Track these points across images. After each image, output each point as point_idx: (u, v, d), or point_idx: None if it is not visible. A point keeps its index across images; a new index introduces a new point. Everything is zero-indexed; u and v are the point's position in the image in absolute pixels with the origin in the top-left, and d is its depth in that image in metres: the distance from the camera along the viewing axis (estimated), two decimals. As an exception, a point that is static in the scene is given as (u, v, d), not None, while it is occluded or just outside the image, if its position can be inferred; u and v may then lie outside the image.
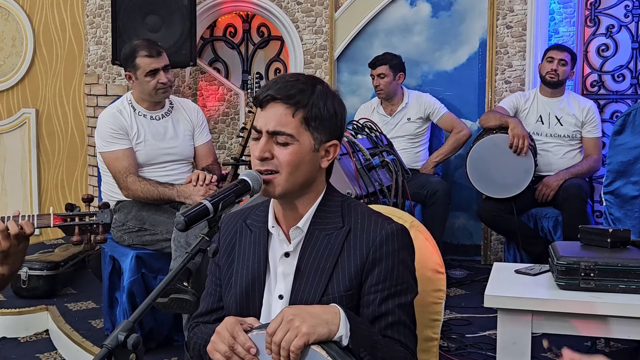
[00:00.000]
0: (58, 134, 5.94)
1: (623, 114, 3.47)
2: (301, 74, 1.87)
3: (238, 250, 1.88)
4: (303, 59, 5.36)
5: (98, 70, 5.36)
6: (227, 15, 5.61)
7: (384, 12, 5.21)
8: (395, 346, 1.71)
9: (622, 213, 3.50)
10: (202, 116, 3.84)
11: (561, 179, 4.35)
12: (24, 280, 4.37)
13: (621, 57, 4.91)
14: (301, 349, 1.55)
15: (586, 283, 2.58)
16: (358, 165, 3.15)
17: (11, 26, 5.91)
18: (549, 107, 4.55)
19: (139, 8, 4.76)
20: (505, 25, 4.92)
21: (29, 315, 4.23)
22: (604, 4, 4.90)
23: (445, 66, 5.17)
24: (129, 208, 3.58)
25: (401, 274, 1.75)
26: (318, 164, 1.77)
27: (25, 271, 4.36)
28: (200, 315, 1.94)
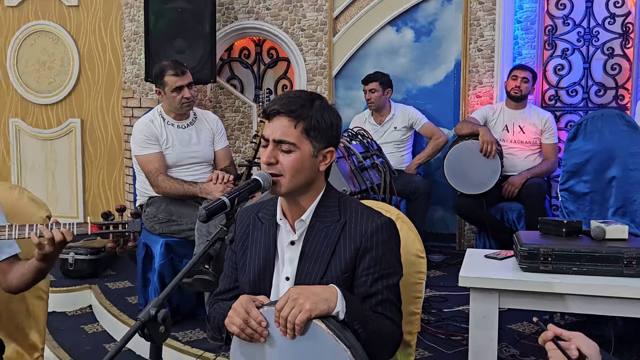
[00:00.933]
0: (99, 140, 5.91)
1: (576, 123, 3.45)
2: (303, 90, 1.85)
3: (251, 239, 1.86)
4: (306, 77, 5.31)
5: (133, 86, 5.33)
6: (242, 40, 5.59)
7: (374, 37, 5.18)
8: (384, 320, 1.70)
9: (575, 207, 3.48)
10: (221, 125, 3.81)
11: (524, 178, 4.33)
12: (71, 263, 4.39)
13: (574, 75, 4.87)
14: (304, 322, 1.55)
15: (545, 266, 2.56)
16: (352, 167, 3.15)
17: (60, 49, 5.88)
18: (513, 117, 4.52)
19: (168, 34, 4.77)
20: (476, 49, 4.89)
21: (75, 293, 4.25)
22: (560, 30, 4.86)
23: (426, 83, 5.12)
24: (159, 203, 3.56)
25: (389, 259, 1.75)
26: (317, 167, 1.75)
27: (72, 255, 4.40)
28: (219, 293, 1.93)
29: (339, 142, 1.86)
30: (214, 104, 5.50)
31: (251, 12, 5.37)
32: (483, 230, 4.49)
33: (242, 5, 5.38)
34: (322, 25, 5.23)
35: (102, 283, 4.27)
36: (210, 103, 5.48)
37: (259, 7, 5.34)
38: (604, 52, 4.79)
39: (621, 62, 4.77)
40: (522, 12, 4.87)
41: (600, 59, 4.81)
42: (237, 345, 1.70)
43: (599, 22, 4.78)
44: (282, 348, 1.62)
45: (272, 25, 5.35)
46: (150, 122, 3.59)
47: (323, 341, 1.55)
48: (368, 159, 3.34)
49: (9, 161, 6.06)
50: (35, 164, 6.05)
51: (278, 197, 1.83)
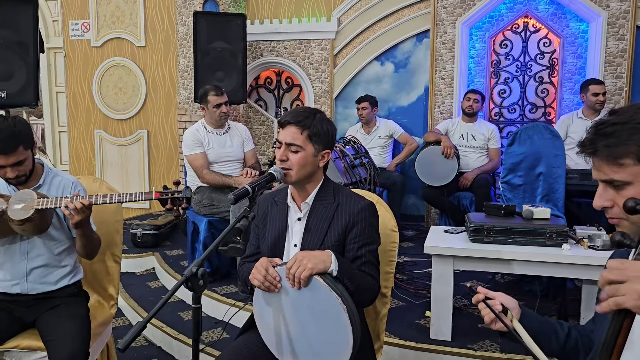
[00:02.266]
0: (161, 145, 5.86)
1: (513, 133, 3.43)
2: (308, 107, 1.84)
3: (269, 217, 1.85)
4: (313, 99, 5.24)
5: (185, 106, 5.27)
6: (266, 71, 5.50)
7: (364, 69, 5.10)
8: (367, 277, 1.70)
9: (512, 195, 3.45)
10: (249, 133, 3.77)
11: (475, 174, 4.28)
12: (139, 236, 4.35)
13: (513, 97, 4.79)
14: (307, 277, 1.55)
15: (488, 238, 2.55)
16: (346, 165, 3.07)
17: (132, 78, 5.82)
18: (467, 128, 4.45)
19: (211, 67, 4.69)
20: (440, 78, 4.81)
21: (142, 258, 4.23)
22: (503, 64, 4.77)
23: (403, 103, 5.05)
24: (204, 191, 3.53)
25: (370, 232, 1.73)
26: (317, 164, 1.73)
27: (140, 230, 4.35)
28: (246, 257, 1.92)
29: (334, 145, 1.83)
30: (245, 119, 5.44)
31: (273, 50, 5.31)
32: (444, 212, 4.46)
33: (266, 46, 5.31)
34: (326, 60, 5.17)
35: (162, 251, 4.26)
36: (243, 118, 5.41)
37: (279, 47, 5.28)
38: (536, 80, 4.72)
39: (549, 87, 4.70)
40: (475, 50, 4.80)
41: (533, 85, 4.73)
42: (258, 294, 1.70)
43: (532, 58, 4.70)
44: (291, 296, 1.62)
45: (288, 60, 5.28)
46: (196, 131, 3.56)
47: (321, 291, 1.55)
48: (358, 159, 3.29)
49: (94, 161, 6.01)
50: (113, 163, 6.00)
51: (289, 186, 1.82)
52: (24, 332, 2.10)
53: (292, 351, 1.65)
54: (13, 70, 3.75)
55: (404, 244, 4.26)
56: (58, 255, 2.09)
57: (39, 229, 1.97)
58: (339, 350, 1.55)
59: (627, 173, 1.05)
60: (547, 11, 4.58)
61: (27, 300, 2.07)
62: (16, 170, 1.93)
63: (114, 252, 2.47)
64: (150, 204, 5.78)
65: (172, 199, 1.95)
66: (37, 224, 1.93)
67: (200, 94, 3.62)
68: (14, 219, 1.88)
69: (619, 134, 1.05)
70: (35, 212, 1.88)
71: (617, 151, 1.05)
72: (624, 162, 1.04)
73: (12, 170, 1.93)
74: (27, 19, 3.76)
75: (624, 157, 1.04)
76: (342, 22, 5.09)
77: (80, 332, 1.98)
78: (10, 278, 2.04)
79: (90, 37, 5.86)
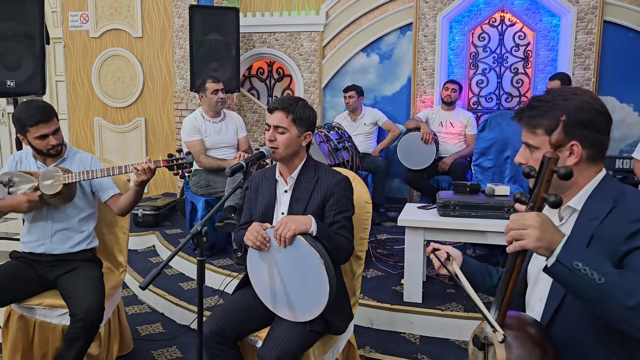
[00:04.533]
0: (158, 132, 6.02)
1: (483, 120, 3.70)
2: (293, 95, 2.13)
3: (260, 189, 2.12)
4: (303, 88, 5.46)
5: (182, 94, 5.43)
6: (258, 61, 5.70)
7: (351, 60, 5.34)
8: (342, 238, 1.97)
9: (482, 177, 3.75)
10: (242, 121, 4.01)
11: (452, 158, 4.57)
12: (140, 216, 4.60)
13: (490, 87, 5.06)
14: (291, 237, 1.82)
15: (454, 212, 2.83)
16: (329, 148, 3.32)
17: (130, 68, 6.00)
18: (446, 116, 4.72)
19: (206, 58, 4.87)
20: (422, 68, 5.06)
21: (143, 237, 4.46)
22: (481, 55, 5.04)
23: (387, 92, 5.30)
24: (201, 173, 3.77)
25: (344, 201, 2.01)
26: (300, 143, 2.01)
27: (141, 211, 4.59)
28: (241, 225, 2.19)
29: (315, 128, 2.11)
30: (238, 107, 5.64)
31: (265, 42, 5.53)
32: (425, 194, 4.71)
33: (258, 37, 5.53)
34: (315, 52, 5.39)
35: (162, 230, 4.49)
36: (236, 107, 5.61)
37: (271, 38, 5.50)
38: (511, 71, 4.99)
39: (523, 78, 4.98)
40: (454, 42, 5.06)
41: (508, 76, 5.00)
42: (251, 253, 2.00)
43: (508, 50, 4.97)
44: (278, 253, 1.91)
45: (279, 52, 5.50)
46: (194, 119, 3.79)
47: (302, 248, 1.84)
48: (341, 143, 3.53)
49: (94, 147, 6.18)
50: (112, 149, 6.15)
51: (277, 164, 2.12)
52: (46, 291, 2.42)
53: (280, 299, 1.97)
54: (21, 61, 4.00)
55: (387, 224, 4.56)
56: (79, 222, 2.41)
57: (67, 199, 2.31)
58: (318, 296, 1.87)
59: (538, 140, 1.36)
60: (522, 6, 4.87)
61: (49, 260, 2.39)
62: (56, 139, 2.27)
63: (122, 225, 2.78)
64: (148, 189, 6.04)
65: (177, 165, 2.26)
66: (65, 195, 2.27)
67: (198, 83, 3.87)
68: (46, 194, 2.20)
69: (539, 109, 1.36)
70: (63, 186, 2.19)
71: (534, 121, 1.36)
72: (537, 132, 1.36)
73: (54, 138, 2.28)
74: (33, 12, 4.00)
75: (539, 127, 1.36)
76: (330, 15, 5.34)
77: (96, 290, 2.30)
78: (37, 239, 2.37)
79: (89, 28, 6.06)
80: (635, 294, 1.06)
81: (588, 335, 1.27)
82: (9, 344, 2.38)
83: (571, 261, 1.11)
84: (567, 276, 1.12)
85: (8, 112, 6.43)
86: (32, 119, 2.23)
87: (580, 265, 1.10)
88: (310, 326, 1.94)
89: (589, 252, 1.15)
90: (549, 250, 1.14)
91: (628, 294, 1.07)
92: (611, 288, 1.08)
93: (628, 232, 1.20)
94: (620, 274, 1.10)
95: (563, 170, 1.15)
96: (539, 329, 1.27)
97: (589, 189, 1.35)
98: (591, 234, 1.28)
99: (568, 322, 1.31)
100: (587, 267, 1.09)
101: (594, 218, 1.29)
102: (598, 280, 1.08)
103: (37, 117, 2.23)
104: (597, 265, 1.10)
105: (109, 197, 2.44)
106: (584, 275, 1.09)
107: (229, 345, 2.00)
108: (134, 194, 2.36)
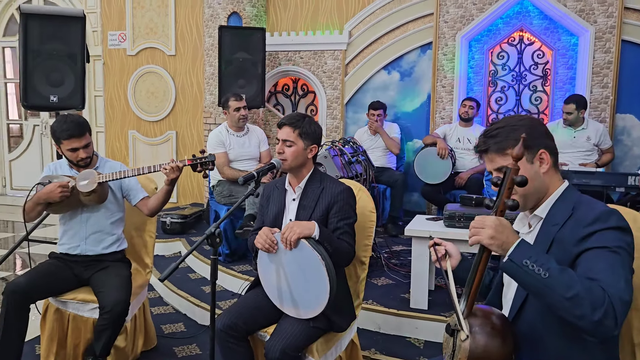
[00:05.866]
0: (188, 145, 6.31)
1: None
2: (300, 112, 2.32)
3: (272, 198, 2.32)
4: (326, 105, 5.66)
5: (211, 109, 5.66)
6: (284, 78, 5.91)
7: (373, 78, 5.52)
8: (343, 243, 2.14)
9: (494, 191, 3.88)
10: (264, 136, 4.23)
11: (469, 173, 4.67)
12: (168, 224, 4.84)
13: (509, 104, 5.16)
14: (296, 240, 2.01)
15: (459, 224, 2.98)
16: (343, 161, 3.49)
17: (163, 84, 6.33)
18: (464, 133, 4.85)
19: (234, 75, 5.11)
20: (441, 86, 5.20)
21: (170, 243, 4.71)
22: (500, 73, 5.16)
23: (407, 109, 5.45)
24: (224, 184, 4.00)
25: (347, 209, 2.18)
26: (307, 156, 2.20)
27: (169, 219, 4.83)
28: (254, 230, 2.36)
29: (321, 142, 2.31)
30: (264, 122, 5.85)
31: (290, 60, 5.76)
32: (441, 208, 4.71)
33: (284, 56, 5.77)
34: (337, 69, 5.60)
35: (188, 237, 4.71)
36: (262, 121, 5.81)
37: (296, 56, 5.74)
38: (530, 88, 5.10)
39: (542, 95, 5.09)
40: (474, 60, 5.20)
41: (527, 94, 5.11)
42: (261, 255, 2.20)
43: (526, 68, 5.09)
44: (284, 255, 2.10)
45: (304, 69, 5.72)
46: (219, 133, 4.04)
47: (306, 251, 2.03)
48: (355, 157, 3.71)
49: (128, 159, 6.54)
50: (144, 161, 6.47)
51: (287, 174, 2.33)
52: (80, 287, 2.69)
53: (286, 298, 2.16)
54: (64, 78, 4.36)
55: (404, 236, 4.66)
56: (110, 225, 2.68)
57: (101, 199, 2.57)
58: (320, 295, 2.05)
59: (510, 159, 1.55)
60: (541, 26, 5.00)
61: (84, 260, 2.66)
62: (85, 152, 2.53)
63: (150, 230, 3.04)
64: (177, 198, 6.36)
65: (200, 163, 2.49)
66: (99, 194, 2.54)
67: (223, 100, 4.13)
68: (82, 192, 2.48)
69: (501, 135, 1.56)
70: (98, 185, 2.47)
71: (502, 145, 1.55)
72: (508, 152, 1.54)
73: (84, 152, 2.54)
74: (76, 33, 4.37)
75: (507, 148, 1.54)
76: (353, 34, 5.57)
77: (124, 286, 2.55)
78: (73, 241, 2.64)
79: (126, 46, 6.47)
80: (573, 287, 1.23)
81: (547, 328, 1.44)
82: (46, 334, 2.65)
83: (521, 259, 1.29)
84: (517, 272, 1.30)
85: (50, 124, 6.87)
86: (66, 133, 2.51)
87: (528, 262, 1.28)
88: (314, 323, 2.12)
89: (537, 251, 1.32)
90: (503, 249, 1.32)
91: (567, 286, 1.24)
92: (553, 282, 1.25)
93: (580, 236, 1.37)
94: (562, 270, 1.27)
95: (519, 178, 1.34)
96: (502, 320, 1.44)
97: (552, 199, 1.53)
98: (552, 239, 1.46)
99: (530, 317, 1.48)
100: (534, 264, 1.27)
101: (555, 224, 1.47)
102: (543, 275, 1.26)
103: (70, 132, 2.51)
104: (543, 262, 1.27)
105: (139, 199, 2.70)
106: (531, 271, 1.27)
107: (240, 339, 2.20)
108: (163, 194, 2.61)
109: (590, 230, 1.36)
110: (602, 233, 1.34)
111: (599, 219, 1.37)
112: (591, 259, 1.32)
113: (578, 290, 1.23)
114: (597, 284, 1.25)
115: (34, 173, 6.98)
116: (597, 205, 1.44)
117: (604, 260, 1.30)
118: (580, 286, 1.24)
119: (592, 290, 1.23)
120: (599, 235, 1.34)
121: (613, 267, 1.28)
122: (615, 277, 1.26)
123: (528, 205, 1.58)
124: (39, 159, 7.14)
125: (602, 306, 1.21)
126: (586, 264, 1.33)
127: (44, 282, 2.55)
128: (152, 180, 3.03)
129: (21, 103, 4.31)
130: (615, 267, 1.28)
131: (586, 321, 1.22)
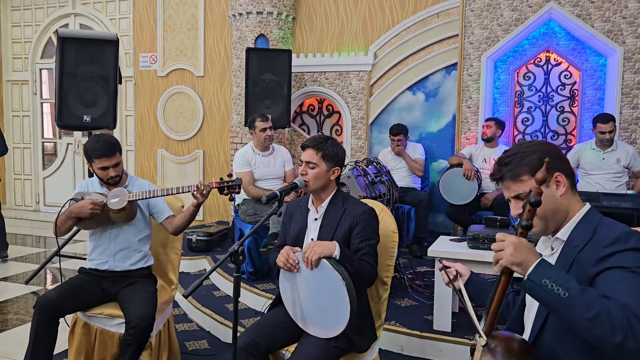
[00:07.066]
0: (215, 164, 6.42)
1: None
2: (324, 134, 2.37)
3: (294, 216, 2.35)
4: (351, 125, 5.71)
5: (237, 129, 5.77)
6: (309, 99, 6.01)
7: (398, 98, 5.56)
8: (365, 263, 2.14)
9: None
10: (289, 155, 4.28)
11: (495, 194, 4.61)
12: (194, 242, 4.92)
13: (536, 125, 5.10)
14: (317, 260, 2.03)
15: (483, 245, 2.96)
16: (366, 182, 3.52)
17: (191, 104, 6.48)
18: (489, 153, 4.83)
19: (260, 95, 5.23)
20: (467, 106, 5.18)
21: (196, 260, 4.79)
22: (526, 94, 5.12)
23: (433, 129, 5.47)
24: (249, 202, 4.06)
25: (369, 230, 2.19)
26: (329, 177, 2.23)
27: (194, 236, 4.91)
28: (276, 247, 2.39)
29: (344, 164, 2.34)
30: (289, 142, 5.95)
31: (316, 81, 5.85)
32: (466, 229, 4.80)
33: (309, 77, 5.87)
34: (362, 90, 5.66)
35: (213, 255, 4.78)
36: (288, 141, 5.92)
37: (321, 77, 5.83)
38: (557, 109, 5.05)
39: (569, 116, 5.03)
40: (500, 81, 5.17)
41: (554, 114, 5.06)
42: (283, 274, 2.23)
43: (553, 89, 5.04)
44: (306, 275, 2.13)
45: (329, 90, 5.81)
46: (245, 152, 4.12)
47: (327, 271, 2.05)
48: (378, 177, 3.73)
49: (156, 177, 6.70)
50: (172, 179, 6.61)
51: (310, 194, 2.37)
52: (108, 302, 2.76)
53: (307, 317, 2.19)
54: (97, 99, 4.54)
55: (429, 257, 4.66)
56: (138, 242, 2.75)
57: (130, 217, 2.66)
58: (340, 315, 2.06)
59: (526, 185, 1.56)
60: (568, 46, 4.97)
61: (112, 276, 2.74)
62: (115, 171, 2.63)
63: (175, 247, 3.11)
64: (203, 216, 6.46)
65: (227, 186, 2.56)
66: (129, 212, 2.62)
67: (249, 121, 4.22)
68: (112, 209, 2.57)
69: (515, 162, 1.57)
70: (128, 203, 2.55)
71: (516, 171, 1.57)
72: (523, 179, 1.56)
73: (114, 170, 2.64)
74: (109, 57, 4.55)
75: (522, 175, 1.55)
76: (378, 55, 5.64)
77: (150, 301, 2.61)
78: (102, 257, 2.73)
79: (157, 67, 6.68)
80: (593, 307, 1.23)
81: (567, 350, 1.43)
82: (74, 347, 2.72)
83: (540, 278, 1.29)
84: (537, 291, 1.30)
85: (82, 143, 7.10)
86: (97, 152, 2.62)
87: (547, 282, 1.28)
88: (335, 342, 2.13)
89: (557, 271, 1.33)
90: (524, 268, 1.33)
91: (587, 307, 1.24)
92: (573, 302, 1.25)
93: (599, 256, 1.37)
94: (582, 290, 1.27)
95: (533, 199, 1.35)
96: (522, 344, 1.44)
97: (574, 222, 1.53)
98: (572, 260, 1.46)
99: (550, 338, 1.47)
100: (553, 283, 1.28)
101: (576, 246, 1.47)
102: (563, 295, 1.26)
103: (101, 152, 2.61)
104: (563, 282, 1.28)
105: (165, 218, 2.78)
106: (550, 290, 1.27)
107: (261, 357, 2.22)
108: (189, 214, 2.69)
109: (610, 251, 1.36)
110: (622, 254, 1.34)
111: (618, 240, 1.37)
112: (610, 279, 1.32)
113: (598, 310, 1.23)
114: (616, 304, 1.24)
115: (66, 190, 7.19)
116: (617, 227, 1.44)
117: (624, 280, 1.30)
118: (599, 307, 1.23)
119: (610, 312, 1.23)
120: (619, 256, 1.34)
121: (633, 287, 1.28)
122: (635, 298, 1.26)
123: (550, 229, 1.58)
124: (71, 177, 7.36)
125: (622, 328, 1.21)
126: (605, 284, 1.33)
127: (73, 297, 2.63)
128: (179, 199, 3.11)
129: (56, 122, 4.48)
130: (635, 288, 1.28)
131: (607, 343, 1.22)
